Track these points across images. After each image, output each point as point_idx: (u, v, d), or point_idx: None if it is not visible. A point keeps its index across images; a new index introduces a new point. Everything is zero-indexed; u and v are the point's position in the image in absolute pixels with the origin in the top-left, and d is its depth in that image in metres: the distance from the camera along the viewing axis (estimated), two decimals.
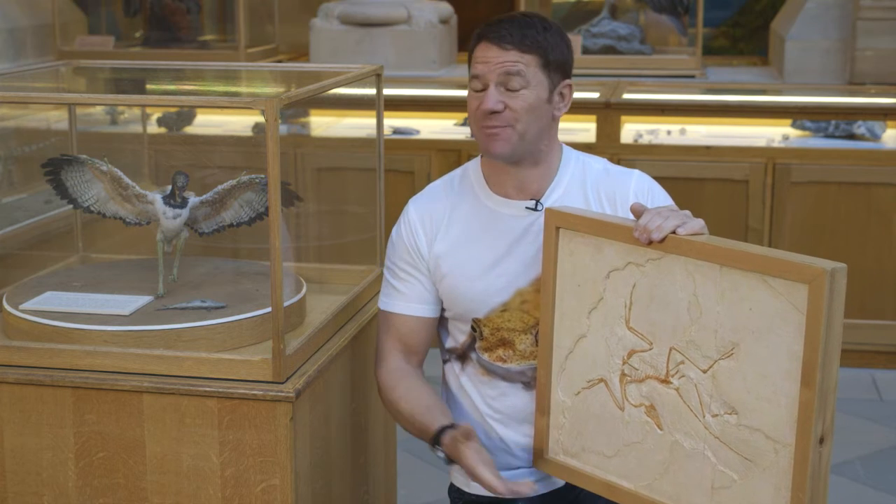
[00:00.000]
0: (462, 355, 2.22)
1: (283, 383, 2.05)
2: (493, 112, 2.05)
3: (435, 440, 2.06)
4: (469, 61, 2.13)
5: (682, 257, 1.85)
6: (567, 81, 2.13)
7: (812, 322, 1.69)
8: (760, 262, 1.75)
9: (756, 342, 1.77)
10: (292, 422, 2.03)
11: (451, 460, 2.06)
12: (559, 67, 2.10)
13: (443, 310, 2.22)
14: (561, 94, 2.11)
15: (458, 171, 2.25)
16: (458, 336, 2.21)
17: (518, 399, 2.17)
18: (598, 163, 2.21)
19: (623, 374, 1.98)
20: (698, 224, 1.89)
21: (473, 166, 2.21)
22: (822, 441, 1.72)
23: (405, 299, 2.20)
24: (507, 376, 2.17)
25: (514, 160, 2.10)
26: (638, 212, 1.94)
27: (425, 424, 2.10)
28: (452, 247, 2.16)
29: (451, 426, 2.06)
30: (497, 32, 2.07)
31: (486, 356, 2.17)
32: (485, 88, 2.06)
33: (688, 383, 1.87)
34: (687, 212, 1.92)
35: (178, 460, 2.08)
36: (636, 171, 2.19)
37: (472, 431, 2.01)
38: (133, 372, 2.09)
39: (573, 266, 2.03)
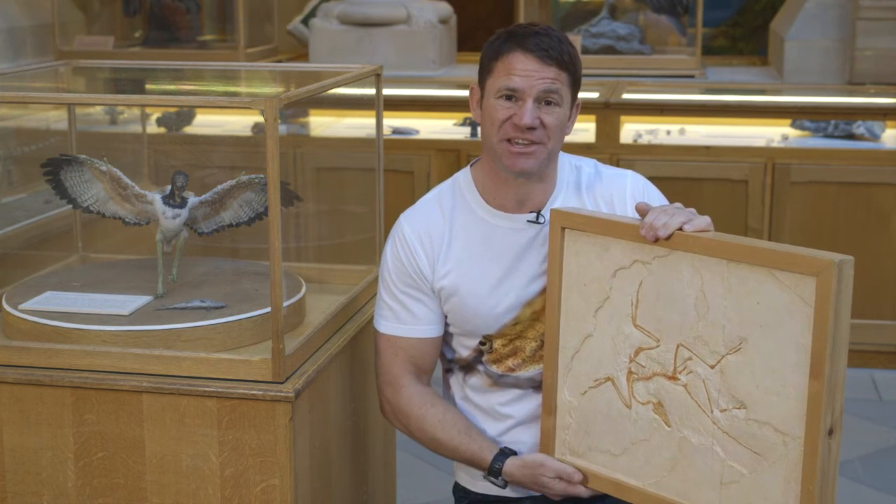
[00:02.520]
0: (466, 366, 2.20)
1: (282, 383, 2.05)
2: (530, 128, 2.00)
3: (493, 470, 2.12)
4: (490, 66, 2.04)
5: (689, 254, 1.86)
6: (577, 101, 2.10)
7: (820, 314, 1.70)
8: (768, 256, 1.76)
9: (764, 336, 1.78)
10: (292, 422, 2.03)
11: (506, 484, 2.13)
12: (578, 86, 2.08)
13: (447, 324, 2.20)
14: (571, 113, 2.09)
15: (447, 185, 2.20)
16: (461, 350, 2.20)
17: (528, 403, 2.16)
18: (589, 165, 2.19)
19: (630, 372, 1.98)
20: (704, 221, 1.89)
21: (464, 179, 2.17)
22: (831, 433, 1.73)
23: (415, 322, 2.15)
24: (516, 384, 2.16)
25: (532, 177, 2.07)
26: (643, 210, 1.94)
27: (472, 453, 2.14)
28: (456, 266, 2.12)
29: (507, 452, 2.13)
30: (538, 45, 2.00)
31: (494, 367, 2.16)
32: (518, 101, 2.01)
33: (696, 379, 1.88)
34: (692, 209, 1.92)
35: (177, 460, 2.08)
36: (629, 172, 2.18)
37: (545, 462, 2.09)
38: (132, 372, 2.09)
39: (579, 266, 2.03)
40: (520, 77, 2.00)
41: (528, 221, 2.11)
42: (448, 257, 2.13)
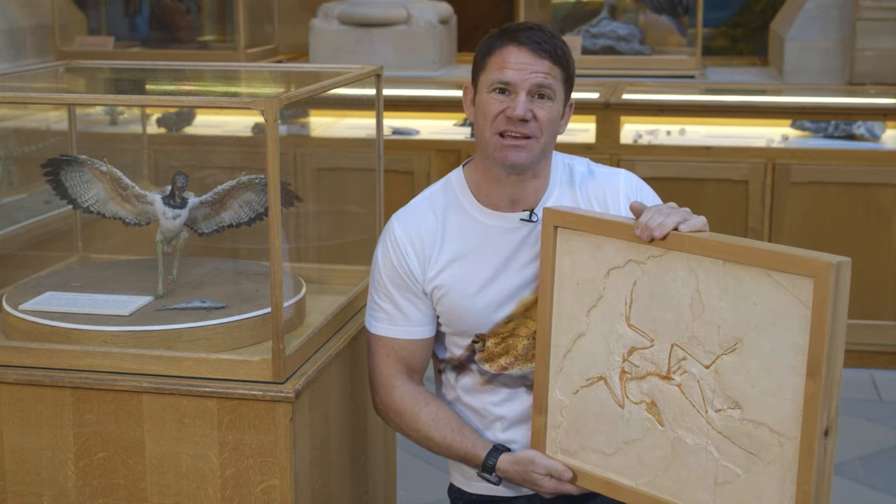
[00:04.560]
0: (459, 366, 2.20)
1: (282, 384, 2.05)
2: (523, 120, 2.00)
3: (486, 466, 2.11)
4: (483, 62, 2.04)
5: (685, 254, 1.86)
6: (570, 101, 2.11)
7: (818, 316, 1.70)
8: (764, 257, 1.76)
9: (760, 337, 1.78)
10: (292, 422, 2.03)
11: (500, 480, 2.12)
12: (571, 85, 2.09)
13: (438, 324, 2.20)
14: (564, 112, 2.09)
15: (439, 185, 2.19)
16: (454, 349, 2.19)
17: (521, 402, 2.16)
18: (582, 164, 2.18)
19: (623, 372, 1.98)
20: (700, 221, 1.89)
21: (457, 178, 2.16)
22: (827, 433, 1.73)
23: (406, 323, 2.15)
24: (509, 382, 2.16)
25: (523, 172, 2.07)
26: (638, 210, 1.94)
27: (466, 450, 2.13)
28: (448, 265, 2.12)
29: (500, 449, 2.12)
30: (532, 38, 2.01)
31: (487, 366, 2.16)
32: (511, 94, 2.01)
33: (690, 379, 1.88)
34: (687, 209, 1.92)
35: (177, 460, 2.08)
36: (622, 171, 2.18)
37: (536, 458, 2.09)
38: (132, 372, 2.09)
39: (572, 265, 2.03)
40: (513, 70, 2.00)
41: (521, 220, 2.11)
42: (440, 259, 2.13)
